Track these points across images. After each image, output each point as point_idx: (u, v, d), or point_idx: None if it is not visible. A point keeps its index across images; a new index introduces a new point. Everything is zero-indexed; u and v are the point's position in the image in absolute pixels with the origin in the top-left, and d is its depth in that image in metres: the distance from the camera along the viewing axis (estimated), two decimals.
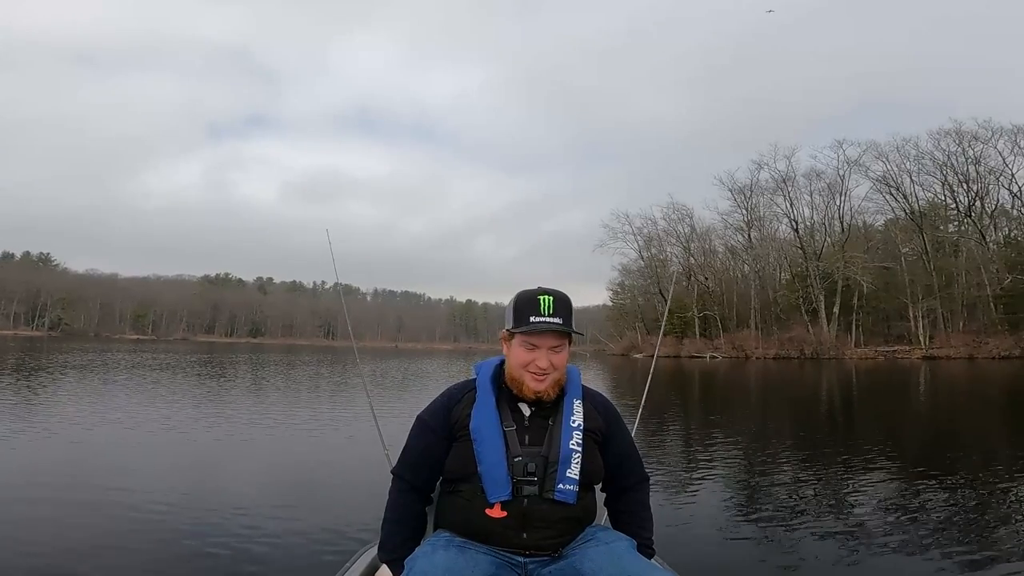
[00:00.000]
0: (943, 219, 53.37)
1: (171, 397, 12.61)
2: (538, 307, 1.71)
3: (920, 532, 4.22)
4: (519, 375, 1.74)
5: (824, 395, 18.04)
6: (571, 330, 1.74)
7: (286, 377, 20.57)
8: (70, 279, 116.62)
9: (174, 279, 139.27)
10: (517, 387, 1.75)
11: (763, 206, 60.17)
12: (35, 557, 3.51)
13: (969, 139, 49.29)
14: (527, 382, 1.73)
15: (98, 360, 25.41)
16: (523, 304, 1.73)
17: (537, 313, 1.71)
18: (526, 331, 1.70)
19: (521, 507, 1.66)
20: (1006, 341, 42.14)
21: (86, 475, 5.61)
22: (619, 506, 1.90)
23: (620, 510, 1.90)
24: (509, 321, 1.76)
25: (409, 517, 1.82)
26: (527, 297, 1.74)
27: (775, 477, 6.24)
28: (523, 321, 1.71)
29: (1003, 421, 11.94)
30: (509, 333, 1.76)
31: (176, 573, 3.40)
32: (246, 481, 5.77)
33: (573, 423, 1.75)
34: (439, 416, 1.80)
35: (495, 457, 1.68)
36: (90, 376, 17.32)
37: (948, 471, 6.30)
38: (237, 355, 38.21)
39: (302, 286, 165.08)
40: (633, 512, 1.88)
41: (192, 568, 3.44)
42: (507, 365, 1.80)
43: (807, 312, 52.59)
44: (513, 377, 1.76)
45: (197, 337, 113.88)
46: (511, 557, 1.67)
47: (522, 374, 1.73)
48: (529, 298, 1.74)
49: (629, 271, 69.02)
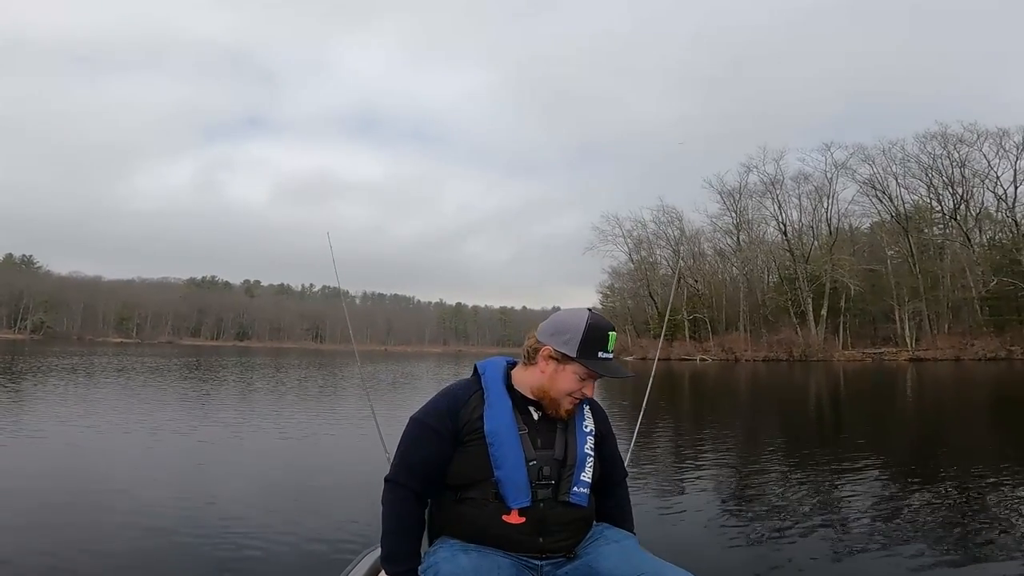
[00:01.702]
0: (928, 222, 54.05)
1: (162, 401, 12.39)
2: (607, 343, 1.69)
3: (906, 531, 4.25)
4: (560, 398, 1.70)
5: (813, 397, 18.14)
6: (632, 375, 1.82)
7: (277, 380, 20.32)
8: (53, 281, 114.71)
9: (159, 282, 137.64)
10: (554, 407, 1.71)
11: (752, 209, 60.73)
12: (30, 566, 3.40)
13: (955, 142, 50.11)
14: (565, 405, 1.71)
15: (83, 364, 25.00)
16: (594, 335, 1.67)
17: (605, 350, 1.69)
18: (596, 368, 1.67)
19: (538, 511, 1.64)
20: (992, 342, 42.76)
21: (79, 480, 5.50)
22: (610, 502, 1.91)
23: (611, 505, 1.91)
24: (571, 347, 1.67)
25: (413, 526, 1.70)
26: (598, 329, 1.69)
27: (765, 478, 6.27)
28: (591, 355, 1.67)
29: (988, 423, 12.06)
30: (562, 355, 1.68)
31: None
32: (243, 485, 5.66)
33: (586, 428, 1.77)
34: (444, 418, 1.70)
35: (515, 461, 1.63)
36: (78, 380, 16.99)
37: (934, 472, 6.36)
38: (225, 358, 37.82)
39: (290, 289, 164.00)
40: (623, 507, 1.92)
41: (191, 571, 3.39)
42: (541, 382, 1.72)
43: (795, 314, 53.00)
44: (552, 398, 1.71)
45: (182, 340, 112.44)
46: (529, 560, 1.66)
47: (563, 399, 1.70)
48: (600, 331, 1.69)
49: (619, 274, 69.43)
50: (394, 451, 1.76)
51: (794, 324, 52.45)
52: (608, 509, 1.91)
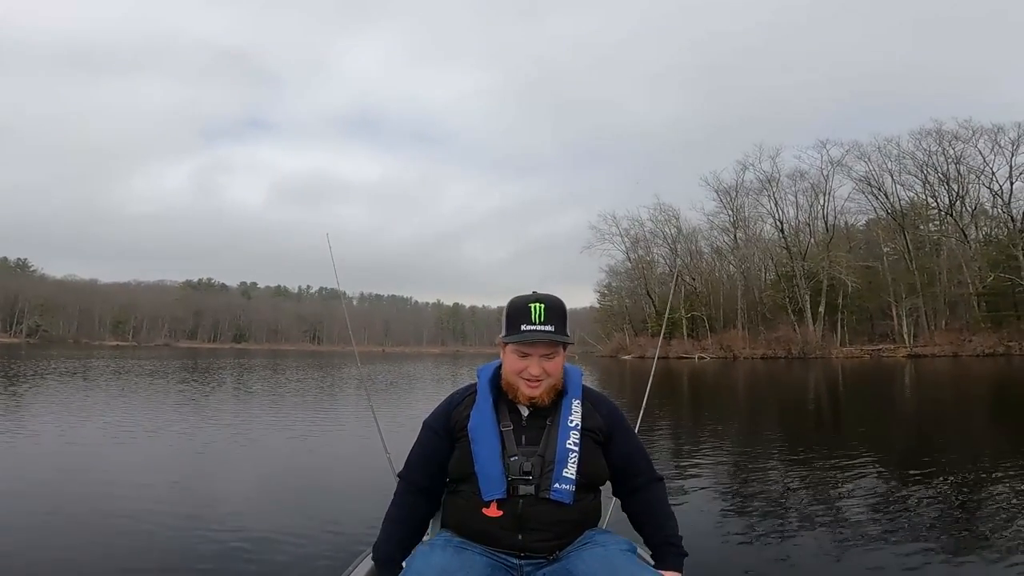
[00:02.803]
0: (924, 218, 54.16)
1: (160, 403, 12.28)
2: (529, 315, 1.72)
3: (905, 529, 4.25)
4: (514, 381, 1.77)
5: (811, 395, 18.12)
6: (560, 339, 1.74)
7: (276, 382, 20.22)
8: (48, 284, 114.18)
9: (155, 284, 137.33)
10: (512, 393, 1.78)
11: (748, 207, 60.76)
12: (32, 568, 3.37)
13: (950, 138, 50.20)
14: (521, 388, 1.76)
15: (80, 367, 24.86)
16: (514, 312, 1.75)
17: (528, 321, 1.72)
18: (516, 340, 1.73)
19: (517, 506, 1.67)
20: (989, 338, 42.83)
21: (80, 483, 5.44)
22: (632, 508, 1.90)
23: (633, 512, 1.90)
24: (503, 329, 1.79)
25: (407, 518, 1.83)
26: (518, 305, 1.76)
27: (764, 475, 6.27)
28: (514, 329, 1.74)
29: (986, 419, 12.07)
30: (502, 342, 1.80)
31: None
32: (243, 486, 5.62)
33: (571, 423, 1.77)
34: (440, 419, 1.84)
35: (490, 455, 1.70)
36: (77, 382, 16.85)
37: (932, 468, 6.35)
38: (223, 360, 37.66)
39: (287, 291, 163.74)
40: (646, 512, 1.86)
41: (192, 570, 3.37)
42: (503, 371, 1.82)
43: (793, 312, 53.05)
44: (509, 383, 1.79)
45: (179, 343, 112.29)
46: (507, 559, 1.68)
47: (517, 381, 1.76)
48: (520, 306, 1.75)
49: (616, 272, 69.36)
50: (394, 452, 1.95)
51: (792, 322, 52.48)
52: (633, 516, 1.90)
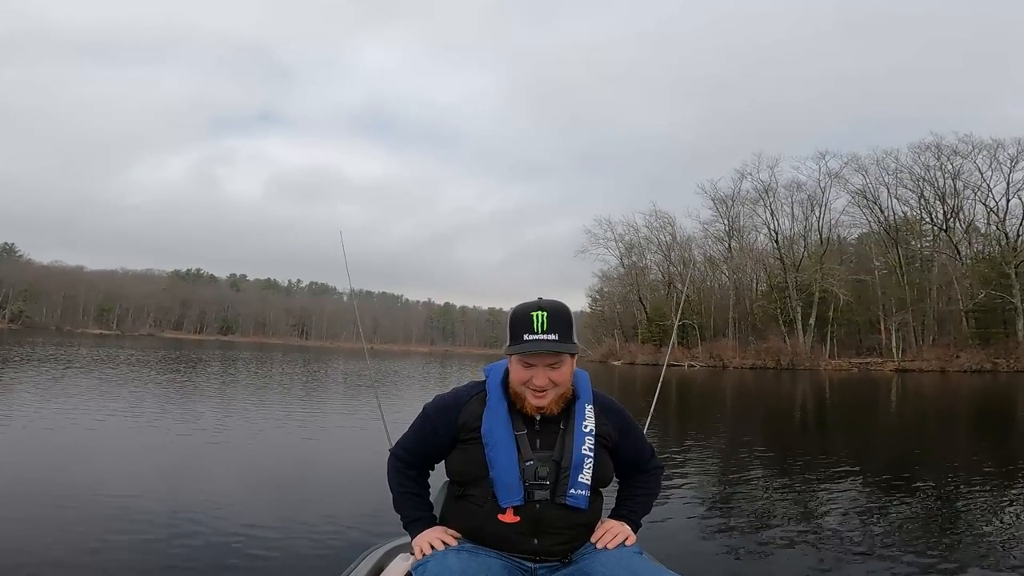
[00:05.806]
0: (917, 233, 54.45)
1: (148, 395, 12.01)
2: (531, 324, 1.66)
3: (888, 541, 4.31)
4: (520, 392, 1.72)
5: (798, 406, 18.16)
6: (563, 349, 1.66)
7: (266, 376, 19.93)
8: (34, 270, 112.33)
9: (142, 273, 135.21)
10: (520, 403, 1.73)
11: (744, 216, 60.90)
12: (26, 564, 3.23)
13: (949, 153, 50.33)
14: (528, 399, 1.71)
15: (62, 354, 24.36)
16: (517, 321, 1.69)
17: (530, 330, 1.66)
18: (518, 352, 1.67)
19: (533, 512, 1.66)
20: (977, 355, 43.18)
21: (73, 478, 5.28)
22: (624, 491, 1.94)
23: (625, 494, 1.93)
24: (508, 341, 1.72)
25: (417, 489, 1.88)
26: (520, 313, 1.70)
27: (750, 484, 6.34)
28: (517, 339, 1.68)
29: (970, 434, 12.16)
30: (507, 353, 1.74)
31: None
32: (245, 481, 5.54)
33: (585, 428, 1.74)
34: (444, 413, 1.79)
35: (507, 461, 1.66)
36: (62, 371, 16.43)
37: (915, 482, 6.47)
38: (209, 352, 37.36)
39: (277, 284, 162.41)
40: (634, 495, 1.92)
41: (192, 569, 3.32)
42: (510, 380, 1.76)
43: (783, 323, 53.21)
44: (516, 392, 1.74)
45: (164, 333, 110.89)
46: (521, 563, 1.67)
47: (523, 391, 1.71)
48: (522, 314, 1.69)
49: (609, 278, 69.38)
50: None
51: (782, 332, 52.67)
52: (621, 494, 1.94)
